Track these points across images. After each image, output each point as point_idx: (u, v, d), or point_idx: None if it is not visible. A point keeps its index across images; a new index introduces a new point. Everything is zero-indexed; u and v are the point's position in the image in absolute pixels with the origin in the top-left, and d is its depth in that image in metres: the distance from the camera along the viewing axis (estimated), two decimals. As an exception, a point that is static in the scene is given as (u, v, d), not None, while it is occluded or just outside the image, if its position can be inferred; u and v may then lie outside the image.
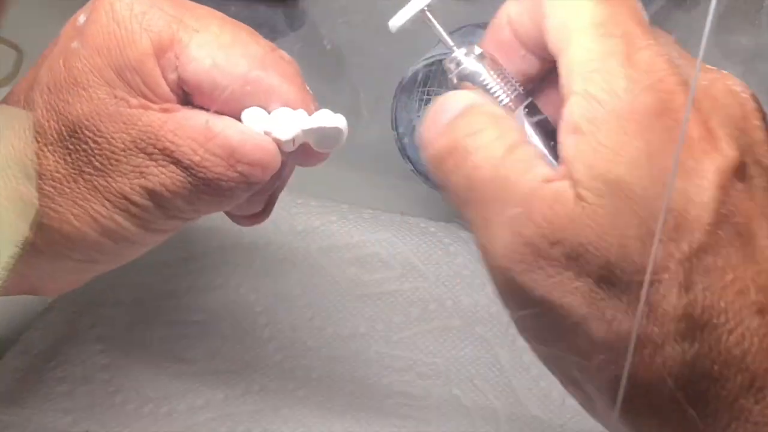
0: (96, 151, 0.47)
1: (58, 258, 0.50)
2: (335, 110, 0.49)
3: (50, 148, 0.48)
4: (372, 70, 0.78)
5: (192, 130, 0.47)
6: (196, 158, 0.46)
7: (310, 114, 0.49)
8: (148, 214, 0.48)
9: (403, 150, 0.74)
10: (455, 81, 0.43)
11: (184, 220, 0.50)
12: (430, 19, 0.44)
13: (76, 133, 0.47)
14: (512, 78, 0.42)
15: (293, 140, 0.48)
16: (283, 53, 0.50)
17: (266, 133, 0.48)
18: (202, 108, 0.48)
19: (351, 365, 0.65)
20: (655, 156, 0.35)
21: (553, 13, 0.39)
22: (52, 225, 0.48)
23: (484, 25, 0.71)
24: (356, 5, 0.81)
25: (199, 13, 0.49)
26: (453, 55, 0.43)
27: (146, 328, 0.67)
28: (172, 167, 0.47)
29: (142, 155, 0.47)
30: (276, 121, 0.48)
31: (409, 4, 0.44)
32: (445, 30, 0.44)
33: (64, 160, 0.48)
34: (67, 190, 0.48)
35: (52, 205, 0.48)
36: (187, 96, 0.48)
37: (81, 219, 0.48)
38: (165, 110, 0.47)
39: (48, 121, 0.48)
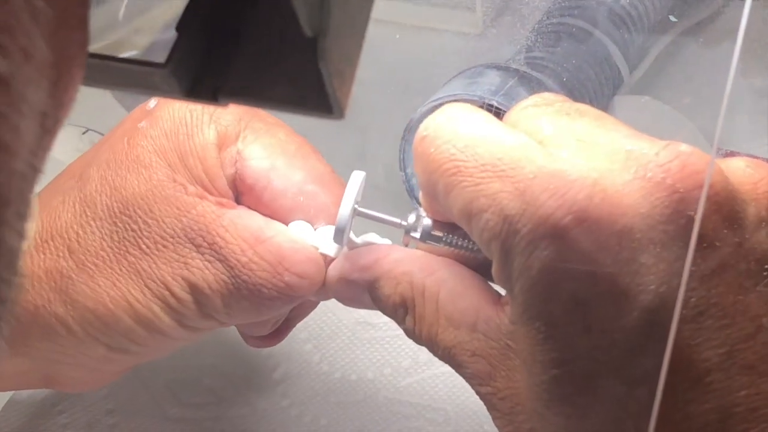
0: (145, 233, 0.48)
1: (87, 340, 0.50)
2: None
3: (98, 223, 0.49)
4: (379, 111, 0.79)
5: (244, 229, 0.49)
6: (244, 259, 0.48)
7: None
8: (185, 309, 0.49)
9: (411, 191, 0.76)
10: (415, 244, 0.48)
11: (218, 323, 0.51)
12: (365, 213, 0.49)
13: (128, 210, 0.49)
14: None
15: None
16: (341, 178, 0.52)
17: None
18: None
19: (359, 411, 0.67)
20: None
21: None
22: (87, 304, 0.49)
23: (493, 66, 0.74)
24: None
25: (269, 120, 0.52)
26: (406, 226, 0.47)
27: (152, 373, 0.69)
28: (218, 264, 0.48)
29: (189, 245, 0.48)
30: (323, 238, 0.50)
31: (342, 204, 0.48)
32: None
33: (111, 237, 0.49)
34: (108, 270, 0.49)
35: (91, 284, 0.49)
36: (238, 196, 0.51)
37: (117, 302, 0.49)
38: (220, 204, 0.49)
39: (100, 195, 0.50)
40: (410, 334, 0.46)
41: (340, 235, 0.48)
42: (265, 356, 0.70)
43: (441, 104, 0.74)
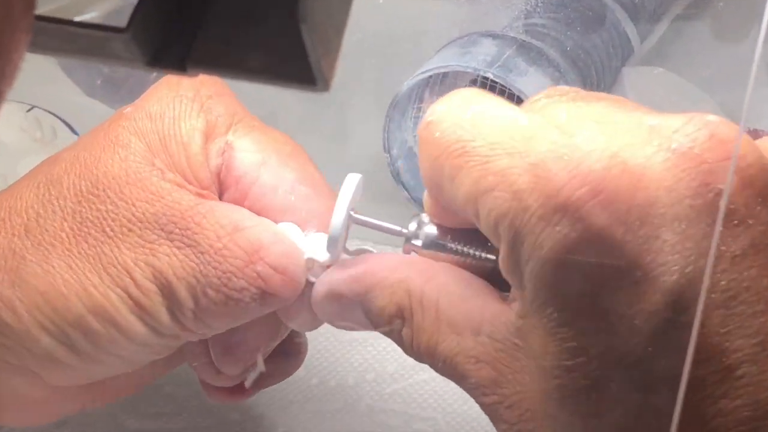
0: (111, 214, 0.49)
1: (33, 329, 0.49)
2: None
3: (61, 202, 0.49)
4: (360, 84, 0.79)
5: (223, 217, 0.49)
6: (218, 245, 0.48)
7: None
8: (148, 301, 0.49)
9: (397, 175, 0.76)
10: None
11: (184, 329, 0.50)
12: (362, 220, 0.49)
13: (96, 190, 0.49)
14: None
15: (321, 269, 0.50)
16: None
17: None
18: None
19: (339, 421, 0.67)
20: None
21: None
22: (37, 286, 0.48)
23: (489, 34, 0.74)
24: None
25: (268, 127, 0.53)
26: (407, 234, 0.48)
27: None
28: (188, 251, 0.48)
29: (159, 231, 0.48)
30: (314, 244, 0.50)
31: (336, 209, 0.48)
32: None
33: (73, 217, 0.49)
34: (66, 252, 0.49)
35: (45, 265, 0.49)
36: (222, 193, 0.51)
37: (70, 286, 0.48)
38: (200, 195, 0.50)
39: (68, 174, 0.50)
40: (408, 348, 0.46)
41: (333, 244, 0.48)
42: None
43: (430, 77, 0.75)
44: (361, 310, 0.47)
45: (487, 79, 0.72)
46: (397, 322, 0.46)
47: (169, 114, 0.51)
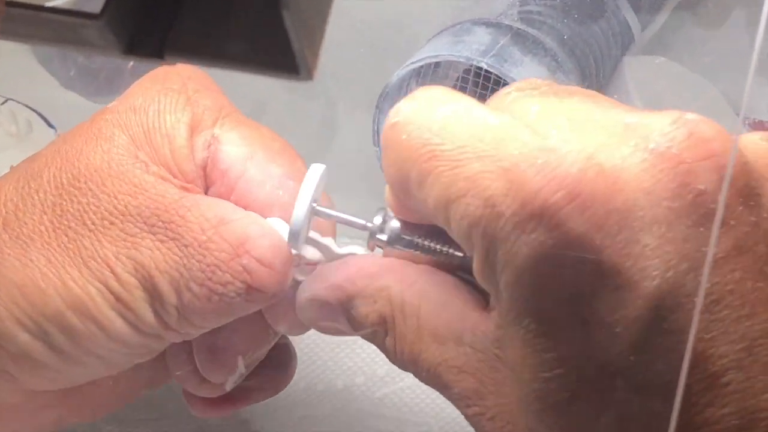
0: (93, 207, 0.49)
1: (9, 323, 0.49)
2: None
3: (41, 195, 0.50)
4: (348, 75, 0.79)
5: (208, 210, 0.49)
6: (202, 238, 0.48)
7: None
8: (129, 296, 0.49)
9: (386, 169, 0.76)
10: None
11: (166, 328, 0.50)
12: (324, 212, 0.49)
13: (78, 182, 0.49)
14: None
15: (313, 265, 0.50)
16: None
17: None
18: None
19: (327, 427, 0.67)
20: None
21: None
22: (15, 279, 0.49)
23: (482, 21, 0.74)
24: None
25: (256, 123, 0.53)
26: (371, 229, 0.48)
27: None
28: (171, 244, 0.48)
29: (141, 224, 0.48)
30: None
31: (297, 201, 0.48)
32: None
33: (53, 210, 0.49)
34: (45, 245, 0.49)
35: (23, 258, 0.49)
36: (208, 188, 0.51)
37: (49, 280, 0.48)
38: (185, 189, 0.50)
39: (49, 167, 0.50)
40: (392, 357, 0.46)
41: (295, 237, 0.48)
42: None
43: (421, 67, 0.75)
44: (344, 316, 0.47)
45: (480, 69, 0.72)
46: (380, 331, 0.46)
47: (153, 107, 0.51)
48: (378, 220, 0.47)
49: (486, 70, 0.72)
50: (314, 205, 0.48)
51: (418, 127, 0.42)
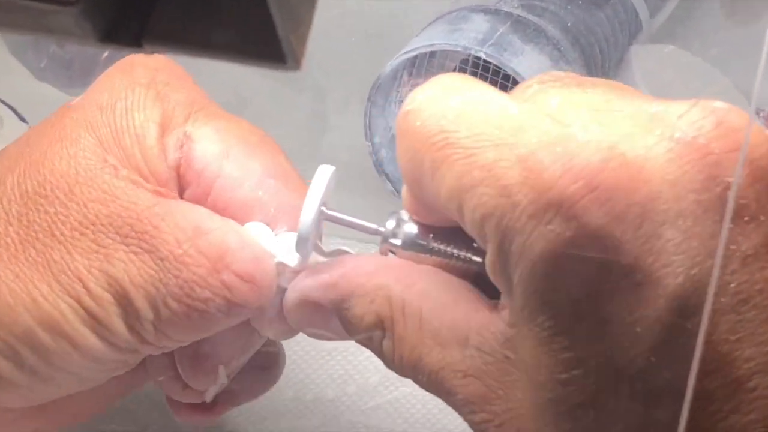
0: (61, 217, 0.48)
1: None
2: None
3: (5, 204, 0.49)
4: (339, 65, 0.79)
5: (183, 219, 0.48)
6: (178, 251, 0.48)
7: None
8: (103, 312, 0.48)
9: (379, 165, 0.76)
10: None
11: (145, 343, 0.50)
12: (335, 216, 0.49)
13: (44, 190, 0.49)
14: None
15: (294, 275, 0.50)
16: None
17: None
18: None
19: (317, 439, 0.67)
20: None
21: None
22: None
23: (480, 8, 0.74)
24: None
25: (232, 116, 0.53)
26: (384, 233, 0.48)
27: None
28: (145, 257, 0.48)
29: (114, 235, 0.48)
30: (284, 245, 0.50)
31: (305, 205, 0.48)
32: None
33: (19, 221, 0.49)
34: (12, 259, 0.48)
35: None
36: (183, 190, 0.51)
37: (17, 297, 0.48)
38: (158, 194, 0.49)
39: (12, 173, 0.49)
40: (389, 361, 0.46)
41: (303, 244, 0.48)
42: (200, 372, 0.69)
43: (416, 57, 0.75)
44: (337, 318, 0.47)
45: (479, 59, 0.72)
46: (377, 333, 0.46)
47: (121, 104, 0.50)
48: (391, 224, 0.47)
49: (484, 60, 0.71)
50: (323, 208, 0.48)
51: (432, 115, 0.42)
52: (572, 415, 0.39)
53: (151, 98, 0.50)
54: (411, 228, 0.47)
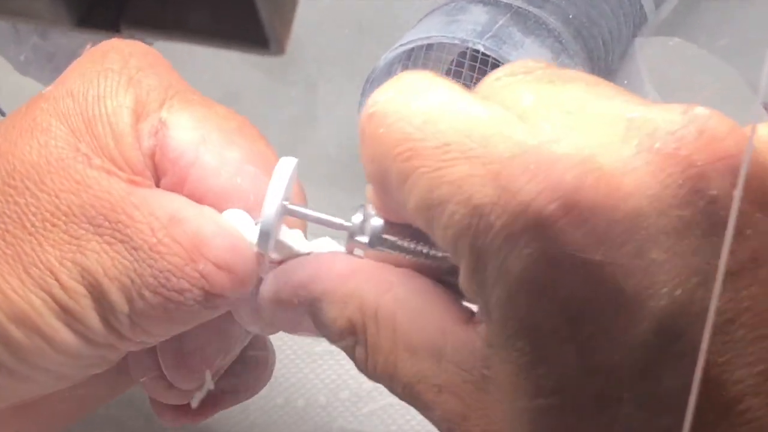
0: (32, 208, 0.48)
1: None
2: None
3: None
4: (332, 58, 0.79)
5: (159, 208, 0.49)
6: (152, 240, 0.48)
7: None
8: (76, 306, 0.48)
9: (373, 162, 0.76)
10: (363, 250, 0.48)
11: (121, 339, 0.50)
12: (297, 211, 0.49)
13: (13, 180, 0.49)
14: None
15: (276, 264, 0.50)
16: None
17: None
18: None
19: (308, 446, 0.67)
20: None
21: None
22: None
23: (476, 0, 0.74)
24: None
25: (210, 101, 0.52)
26: (350, 229, 0.47)
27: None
28: (119, 247, 0.48)
29: (86, 225, 0.48)
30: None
31: (266, 198, 0.48)
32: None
33: None
34: None
35: None
36: (158, 180, 0.51)
37: None
38: (132, 183, 0.49)
39: None
40: (362, 368, 0.46)
41: (265, 239, 0.48)
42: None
43: (412, 49, 0.75)
44: (309, 318, 0.47)
45: (477, 52, 0.72)
46: (350, 339, 0.46)
47: (93, 91, 0.50)
48: (358, 218, 0.47)
49: (483, 53, 0.72)
50: (285, 203, 0.48)
51: (397, 120, 0.41)
52: None
53: (123, 84, 0.51)
54: (378, 223, 0.47)
